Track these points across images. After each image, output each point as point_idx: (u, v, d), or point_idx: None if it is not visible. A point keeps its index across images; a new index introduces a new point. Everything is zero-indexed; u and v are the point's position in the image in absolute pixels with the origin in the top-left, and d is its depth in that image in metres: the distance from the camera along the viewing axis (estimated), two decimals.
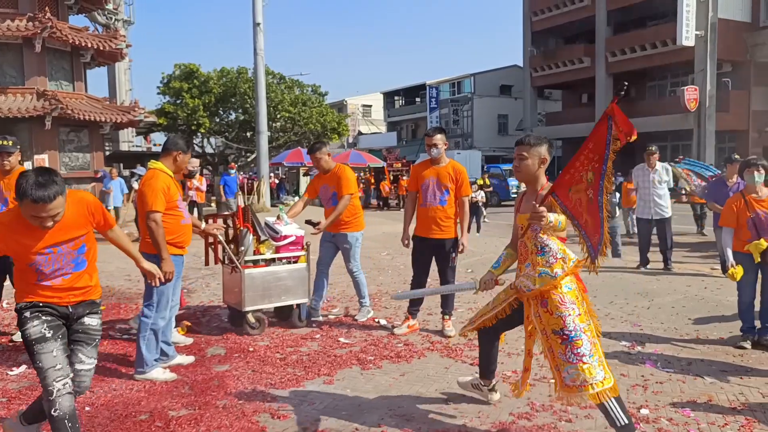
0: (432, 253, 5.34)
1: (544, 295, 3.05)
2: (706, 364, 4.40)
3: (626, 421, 2.92)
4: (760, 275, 4.84)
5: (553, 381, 3.09)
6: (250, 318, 5.19)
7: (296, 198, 25.41)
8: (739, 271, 4.73)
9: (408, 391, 3.93)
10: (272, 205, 21.33)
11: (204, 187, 15.13)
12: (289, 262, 5.40)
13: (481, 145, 43.58)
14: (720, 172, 11.11)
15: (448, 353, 4.72)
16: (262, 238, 5.35)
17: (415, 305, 5.43)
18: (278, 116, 28.45)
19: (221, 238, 5.18)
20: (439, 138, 5.20)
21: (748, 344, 4.78)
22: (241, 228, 5.29)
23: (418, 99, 52.22)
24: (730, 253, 4.84)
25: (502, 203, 23.91)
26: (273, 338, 5.19)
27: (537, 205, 2.85)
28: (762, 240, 4.70)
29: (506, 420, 3.45)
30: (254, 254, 5.26)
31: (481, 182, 17.54)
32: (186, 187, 14.95)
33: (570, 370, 2.94)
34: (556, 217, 2.91)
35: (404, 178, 27.01)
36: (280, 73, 30.18)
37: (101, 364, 4.17)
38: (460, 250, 5.26)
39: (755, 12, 28.46)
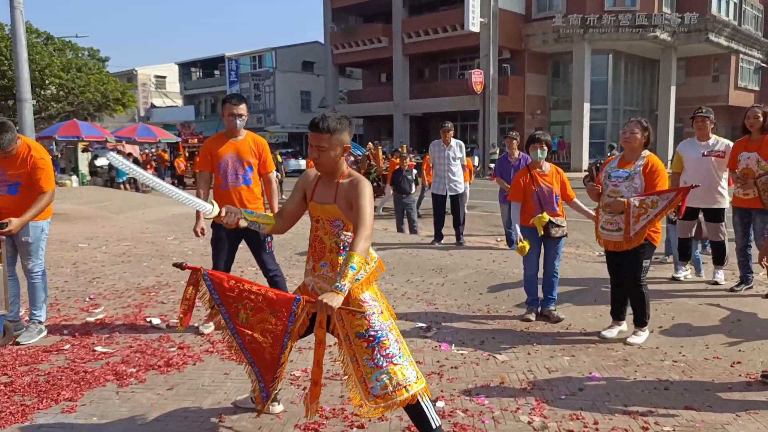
0: (238, 240, 4.56)
1: (347, 296, 2.59)
2: (497, 341, 4.35)
3: (439, 423, 2.65)
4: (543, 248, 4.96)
5: (350, 389, 2.64)
6: None
7: (74, 177, 22.36)
8: (526, 246, 4.78)
9: (175, 411, 3.23)
10: None
11: None
12: None
13: (284, 121, 42.80)
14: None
15: (230, 355, 4.06)
16: None
17: None
18: (47, 83, 24.63)
19: None
20: (244, 107, 4.50)
21: (532, 316, 4.87)
22: None
23: (217, 72, 49.53)
24: (518, 227, 4.88)
25: None
26: (3, 355, 4.07)
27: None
28: (545, 213, 4.79)
29: None
30: None
31: (280, 159, 16.97)
32: None
33: (380, 377, 2.54)
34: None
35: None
36: (47, 32, 26.13)
37: None
38: None
39: (528, 5, 31.46)
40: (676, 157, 5.77)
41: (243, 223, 2.75)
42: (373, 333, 2.58)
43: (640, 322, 4.32)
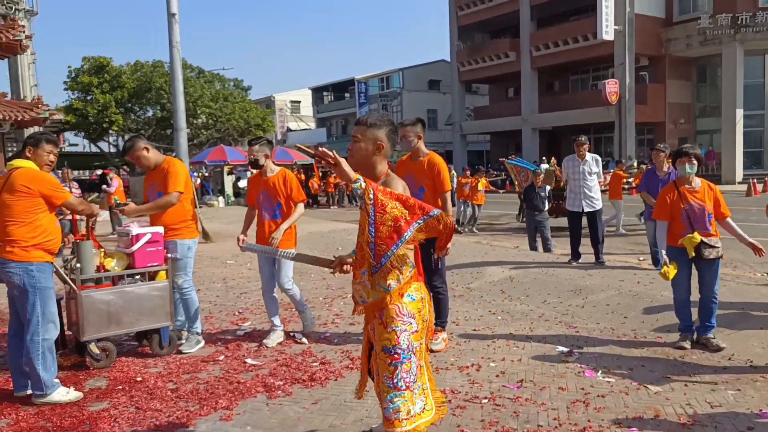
0: (424, 250, 4.87)
1: (381, 304, 2.54)
2: (647, 370, 4.05)
3: None
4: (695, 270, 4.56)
5: None
6: (93, 349, 4.35)
7: (221, 198, 24.28)
8: (671, 270, 4.39)
9: (320, 425, 3.35)
10: (197, 206, 20.20)
11: (113, 189, 13.94)
12: (147, 279, 4.59)
13: None
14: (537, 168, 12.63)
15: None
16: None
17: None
18: (198, 112, 27.11)
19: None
20: (409, 129, 4.70)
21: (687, 344, 4.49)
22: (75, 240, 4.47)
23: (347, 95, 51.60)
24: (664, 249, 4.52)
25: None
26: (168, 363, 4.48)
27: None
28: (695, 233, 4.40)
29: None
30: (98, 270, 4.42)
31: None
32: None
33: (395, 399, 2.48)
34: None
35: (334, 174, 26.36)
36: (199, 66, 28.81)
37: None
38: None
39: (669, 8, 29.52)
40: None
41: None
42: (399, 351, 2.49)
43: None
